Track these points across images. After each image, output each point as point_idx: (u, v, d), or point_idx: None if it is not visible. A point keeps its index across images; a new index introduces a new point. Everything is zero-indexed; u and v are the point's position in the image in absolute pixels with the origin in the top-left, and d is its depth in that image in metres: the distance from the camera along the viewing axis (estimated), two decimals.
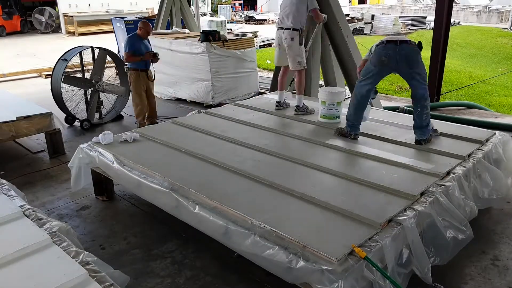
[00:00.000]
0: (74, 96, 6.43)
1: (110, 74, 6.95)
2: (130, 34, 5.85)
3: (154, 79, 6.05)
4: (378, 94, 4.55)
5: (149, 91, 6.00)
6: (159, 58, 5.89)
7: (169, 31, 9.19)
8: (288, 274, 2.35)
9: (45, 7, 22.35)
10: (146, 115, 6.08)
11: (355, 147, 3.76)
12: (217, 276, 2.94)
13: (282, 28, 4.82)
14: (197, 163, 3.59)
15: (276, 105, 5.08)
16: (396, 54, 3.72)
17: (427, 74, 6.95)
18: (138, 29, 5.76)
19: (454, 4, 9.01)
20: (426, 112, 3.78)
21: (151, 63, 5.89)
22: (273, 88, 6.83)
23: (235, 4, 35.75)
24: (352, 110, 3.99)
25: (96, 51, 6.46)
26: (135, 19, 11.57)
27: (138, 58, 5.65)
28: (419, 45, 3.78)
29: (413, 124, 3.85)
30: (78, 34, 20.73)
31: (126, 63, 5.86)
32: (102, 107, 6.68)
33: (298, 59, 4.81)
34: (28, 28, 22.54)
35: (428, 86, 7.34)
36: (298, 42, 4.76)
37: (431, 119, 3.89)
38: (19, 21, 21.95)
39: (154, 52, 5.87)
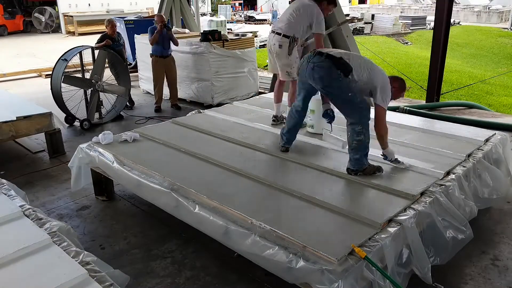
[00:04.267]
0: (74, 96, 6.43)
1: (110, 74, 6.96)
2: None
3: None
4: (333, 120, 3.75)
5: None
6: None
7: None
8: (288, 274, 2.35)
9: (45, 7, 22.37)
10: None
11: None
12: (217, 276, 2.94)
13: (273, 32, 4.19)
14: (197, 163, 3.59)
15: (273, 120, 4.52)
16: (307, 66, 3.33)
17: (428, 74, 7.03)
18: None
19: (454, 4, 9.01)
20: (358, 139, 3.18)
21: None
22: (273, 89, 6.83)
23: (235, 4, 35.77)
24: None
25: (96, 51, 6.46)
26: (135, 19, 11.58)
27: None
28: (334, 60, 3.17)
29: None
30: (78, 34, 20.75)
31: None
32: (102, 107, 6.68)
33: (286, 69, 4.17)
34: (31, 28, 22.58)
35: (428, 86, 7.37)
36: (287, 51, 4.08)
37: None
38: (22, 20, 22.00)
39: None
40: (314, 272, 2.23)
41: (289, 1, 4.46)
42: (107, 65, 6.79)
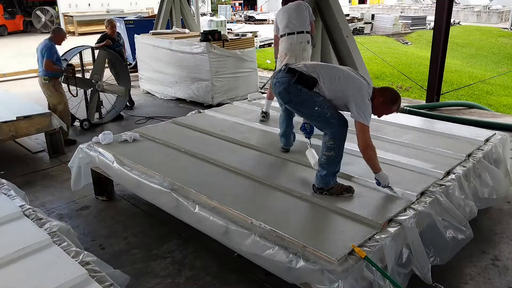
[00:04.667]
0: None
1: (110, 74, 6.96)
2: (47, 42, 5.53)
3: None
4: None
5: None
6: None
7: (169, 31, 9.20)
8: (288, 274, 2.35)
9: (45, 7, 22.37)
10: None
11: (356, 147, 3.75)
12: (217, 276, 2.94)
13: (293, 33, 4.70)
14: (197, 163, 3.59)
15: (263, 116, 4.62)
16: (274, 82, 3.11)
17: (428, 74, 7.04)
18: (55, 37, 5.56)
19: (454, 4, 9.01)
20: (327, 155, 2.92)
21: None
22: None
23: (235, 4, 35.76)
24: None
25: (96, 51, 6.46)
26: (135, 19, 11.59)
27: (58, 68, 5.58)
28: (294, 73, 2.94)
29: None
30: (78, 34, 20.74)
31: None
32: (102, 107, 6.69)
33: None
34: (30, 28, 22.60)
35: (428, 86, 7.37)
36: (311, 44, 4.82)
37: None
38: (22, 20, 22.04)
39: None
40: (314, 272, 2.23)
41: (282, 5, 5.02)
42: (107, 65, 6.79)
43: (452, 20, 15.24)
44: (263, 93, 6.36)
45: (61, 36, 5.64)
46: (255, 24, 26.19)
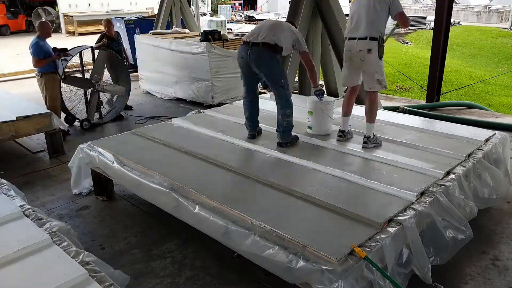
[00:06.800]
0: (74, 96, 6.43)
1: (109, 74, 6.95)
2: (33, 40, 5.63)
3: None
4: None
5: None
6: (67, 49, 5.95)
7: (169, 31, 9.20)
8: (288, 274, 2.35)
9: (45, 7, 22.39)
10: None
11: (356, 147, 3.75)
12: (217, 276, 2.94)
13: (354, 38, 3.72)
14: (197, 163, 3.59)
15: (339, 135, 3.96)
16: (247, 56, 3.72)
17: (428, 74, 7.05)
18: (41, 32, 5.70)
19: (454, 4, 9.01)
20: (287, 120, 3.84)
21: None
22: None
23: (235, 4, 35.76)
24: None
25: (96, 51, 6.46)
26: (135, 19, 11.58)
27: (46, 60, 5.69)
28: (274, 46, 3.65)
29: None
30: (78, 34, 20.74)
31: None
32: (102, 107, 6.69)
33: (377, 77, 3.70)
34: (33, 28, 22.65)
35: (428, 86, 7.35)
36: (377, 55, 3.66)
37: None
38: (24, 20, 22.09)
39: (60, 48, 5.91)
40: (314, 272, 2.23)
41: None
42: (107, 65, 6.79)
43: (452, 20, 15.22)
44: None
45: (44, 28, 5.73)
46: (255, 24, 26.13)
